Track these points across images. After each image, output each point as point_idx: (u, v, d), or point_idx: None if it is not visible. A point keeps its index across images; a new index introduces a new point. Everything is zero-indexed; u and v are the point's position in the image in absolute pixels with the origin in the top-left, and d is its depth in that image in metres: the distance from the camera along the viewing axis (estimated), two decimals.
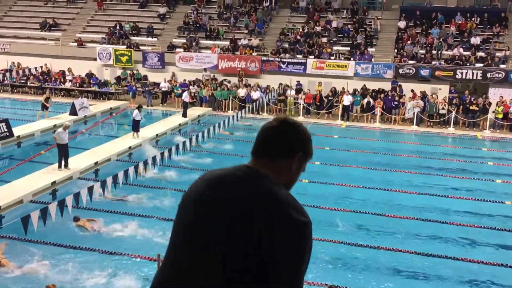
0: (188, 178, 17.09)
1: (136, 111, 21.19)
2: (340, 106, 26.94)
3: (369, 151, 21.44)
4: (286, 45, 31.77)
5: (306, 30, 32.59)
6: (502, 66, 27.86)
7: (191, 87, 29.38)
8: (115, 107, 28.16)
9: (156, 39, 34.42)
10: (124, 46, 33.25)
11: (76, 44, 34.08)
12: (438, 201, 15.63)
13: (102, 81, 31.94)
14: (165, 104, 29.60)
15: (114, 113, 27.33)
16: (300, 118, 27.20)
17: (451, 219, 14.26)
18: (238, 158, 19.65)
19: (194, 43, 32.70)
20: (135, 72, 32.38)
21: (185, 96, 26.07)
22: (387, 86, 28.43)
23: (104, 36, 34.47)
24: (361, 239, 12.85)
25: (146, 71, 32.43)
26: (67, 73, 32.17)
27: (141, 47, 33.31)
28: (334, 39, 31.96)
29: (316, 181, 17.12)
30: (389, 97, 27.06)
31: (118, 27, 34.95)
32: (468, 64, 28.13)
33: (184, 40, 33.39)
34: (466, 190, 16.75)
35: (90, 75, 31.90)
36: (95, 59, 32.92)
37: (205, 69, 30.90)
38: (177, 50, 32.38)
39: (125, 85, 31.42)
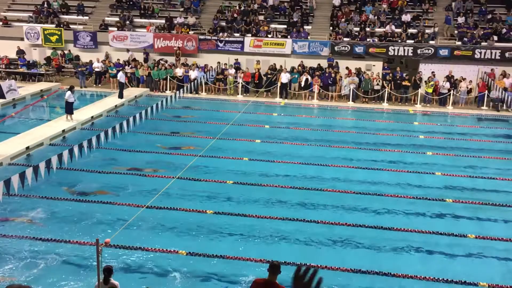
0: (127, 160, 16.75)
1: (69, 92, 20.40)
2: (278, 84, 27.12)
3: (308, 128, 21.79)
4: (223, 24, 31.46)
5: (243, 8, 32.38)
6: (431, 42, 28.92)
7: (126, 67, 28.57)
8: (46, 89, 26.97)
9: (87, 17, 33.07)
10: (53, 25, 31.77)
11: (1, 23, 32.16)
12: (374, 175, 16.16)
13: (30, 62, 30.41)
14: (99, 85, 28.67)
15: (45, 96, 26.17)
16: (239, 97, 27.19)
17: (387, 191, 14.80)
18: (176, 138, 19.43)
19: (128, 22, 31.71)
20: (66, 52, 31.07)
21: (121, 77, 25.33)
22: (323, 63, 28.87)
23: (31, 14, 32.73)
24: (302, 214, 13.10)
25: (78, 51, 31.19)
26: None
27: (71, 26, 31.94)
28: (271, 17, 31.97)
29: (257, 159, 17.27)
30: (326, 74, 27.52)
31: (46, 5, 33.28)
32: (399, 40, 29.01)
33: (117, 19, 32.29)
34: (400, 163, 17.40)
35: (21, 51, 30.28)
36: (22, 39, 31.27)
37: (127, 50, 30.15)
38: (110, 29, 31.29)
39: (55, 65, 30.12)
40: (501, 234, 12.27)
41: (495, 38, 28.55)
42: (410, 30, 29.88)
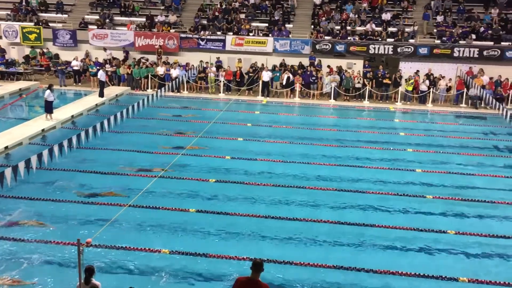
0: (108, 159, 16.62)
1: (48, 91, 20.16)
2: (260, 82, 27.15)
3: (290, 126, 21.87)
4: (205, 22, 31.37)
5: (224, 6, 32.32)
6: (411, 41, 29.24)
7: (107, 65, 28.30)
8: (25, 88, 26.59)
9: (66, 15, 32.71)
10: (32, 23, 31.35)
11: None
12: (355, 172, 16.30)
13: (9, 60, 29.94)
14: (79, 83, 28.37)
15: (24, 94, 25.80)
16: (221, 95, 27.16)
17: (369, 188, 14.94)
18: (157, 136, 19.33)
19: (108, 20, 31.42)
20: (45, 50, 30.66)
21: (101, 75, 25.09)
22: (305, 61, 28.99)
23: (9, 12, 32.24)
24: (284, 212, 13.15)
25: (58, 49, 30.84)
26: None
27: (50, 24, 31.54)
28: (252, 15, 31.96)
29: (238, 157, 17.28)
30: (308, 73, 27.64)
31: (24, 3, 32.83)
32: (380, 39, 29.26)
33: (97, 17, 31.97)
34: (381, 160, 17.57)
35: (2, 50, 29.88)
36: (0, 37, 30.82)
37: (104, 49, 29.89)
38: (90, 27, 30.98)
39: (34, 64, 29.72)
40: (480, 230, 12.48)
41: (473, 36, 28.99)
42: (390, 29, 30.16)
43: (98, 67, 27.33)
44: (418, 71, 27.49)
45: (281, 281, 10.12)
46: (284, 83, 27.41)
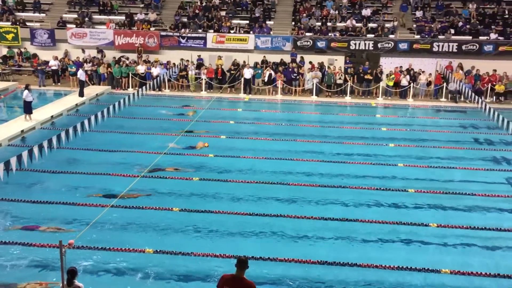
0: (89, 160, 16.44)
1: (26, 91, 19.87)
2: (242, 79, 27.11)
3: (272, 122, 21.89)
4: (185, 19, 31.19)
5: (204, 4, 32.18)
6: (391, 36, 29.47)
7: (86, 64, 27.97)
8: (3, 89, 26.16)
9: (44, 14, 32.26)
10: (9, 23, 30.86)
11: None
12: (338, 167, 16.37)
13: None
14: (59, 83, 28.01)
15: (2, 95, 25.38)
16: (203, 93, 27.06)
17: (351, 183, 15.01)
18: (139, 136, 19.18)
19: (86, 19, 31.06)
20: (23, 50, 30.21)
21: (81, 74, 24.81)
22: (286, 58, 29.02)
23: None
24: (268, 209, 13.14)
25: (36, 49, 30.42)
26: None
27: (28, 24, 31.08)
28: (233, 12, 31.88)
29: (222, 154, 17.24)
30: (289, 69, 27.67)
31: (0, 2, 32.27)
32: (360, 35, 29.42)
33: (75, 15, 31.61)
34: (363, 155, 17.68)
35: None
36: None
37: (83, 50, 29.55)
38: (69, 26, 30.59)
39: (12, 64, 29.26)
40: (462, 222, 12.63)
41: (452, 31, 29.33)
42: (370, 25, 30.35)
43: (77, 67, 26.99)
44: (401, 66, 27.65)
45: (266, 277, 10.12)
46: (266, 80, 27.41)
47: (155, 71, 27.23)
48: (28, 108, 19.97)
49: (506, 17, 30.41)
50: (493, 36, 28.75)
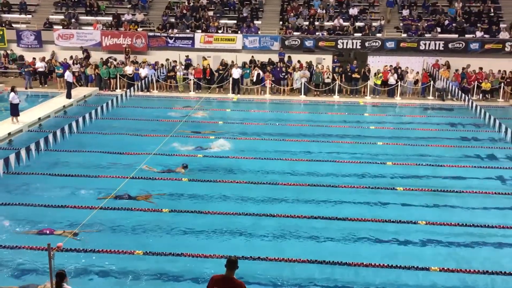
0: (77, 161, 16.34)
1: (12, 93, 19.72)
2: (230, 79, 27.09)
3: (261, 122, 21.90)
4: (173, 20, 31.11)
5: (192, 4, 32.12)
6: (378, 35, 29.63)
7: (73, 66, 27.79)
8: None
9: (30, 16, 32.00)
10: None
11: None
12: (327, 166, 16.42)
13: None
14: (46, 85, 27.80)
15: None
16: (192, 94, 27.01)
17: (340, 182, 15.07)
18: (129, 137, 19.09)
19: (73, 20, 30.86)
20: (9, 52, 29.95)
21: (68, 76, 24.65)
22: (274, 57, 29.05)
23: None
24: (257, 209, 13.14)
25: (22, 50, 30.20)
26: None
27: (14, 25, 30.82)
28: (221, 12, 31.85)
29: (210, 155, 17.22)
30: (278, 69, 27.71)
31: None
32: (348, 34, 29.54)
33: (62, 17, 31.40)
34: (352, 154, 17.75)
35: None
36: None
37: (71, 57, 29.28)
38: (55, 27, 30.38)
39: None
40: (450, 220, 12.73)
41: (438, 29, 29.55)
42: (358, 24, 30.49)
43: (64, 68, 26.81)
44: (392, 65, 27.78)
45: (256, 277, 10.13)
46: (254, 80, 27.42)
47: (143, 72, 27.12)
48: (15, 110, 19.80)
49: (491, 15, 30.71)
50: (479, 34, 29.02)
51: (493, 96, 27.28)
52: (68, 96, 24.34)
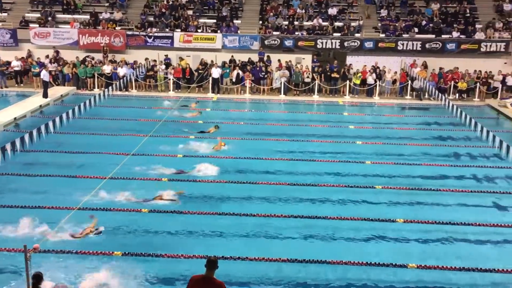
0: (54, 161, 16.12)
1: None
2: (210, 79, 27.01)
3: (241, 122, 21.89)
4: (152, 19, 30.88)
5: (171, 3, 31.92)
6: (357, 35, 29.86)
7: (50, 64, 27.37)
8: None
9: (6, 14, 31.42)
10: None
11: None
12: (306, 165, 16.50)
13: None
14: (21, 84, 27.34)
15: None
16: (171, 93, 26.86)
17: (320, 181, 15.15)
18: (107, 137, 18.90)
19: (50, 18, 30.40)
20: None
21: (44, 75, 24.28)
22: (254, 57, 29.05)
23: None
24: (237, 208, 13.13)
25: None
26: None
27: None
28: (200, 11, 31.73)
29: (190, 155, 17.15)
30: (257, 68, 27.72)
31: None
32: (327, 34, 29.70)
33: (38, 15, 30.90)
34: (332, 153, 17.85)
35: None
36: None
37: (47, 56, 28.83)
38: (32, 25, 29.89)
39: None
40: (427, 217, 12.90)
41: (416, 30, 29.91)
42: (337, 23, 30.67)
43: (40, 67, 26.40)
44: (373, 66, 27.99)
45: (237, 276, 10.11)
46: (234, 79, 27.39)
47: (121, 71, 26.87)
48: None
49: (467, 15, 31.19)
50: (455, 34, 29.46)
51: (469, 96, 27.73)
52: (45, 95, 23.97)
